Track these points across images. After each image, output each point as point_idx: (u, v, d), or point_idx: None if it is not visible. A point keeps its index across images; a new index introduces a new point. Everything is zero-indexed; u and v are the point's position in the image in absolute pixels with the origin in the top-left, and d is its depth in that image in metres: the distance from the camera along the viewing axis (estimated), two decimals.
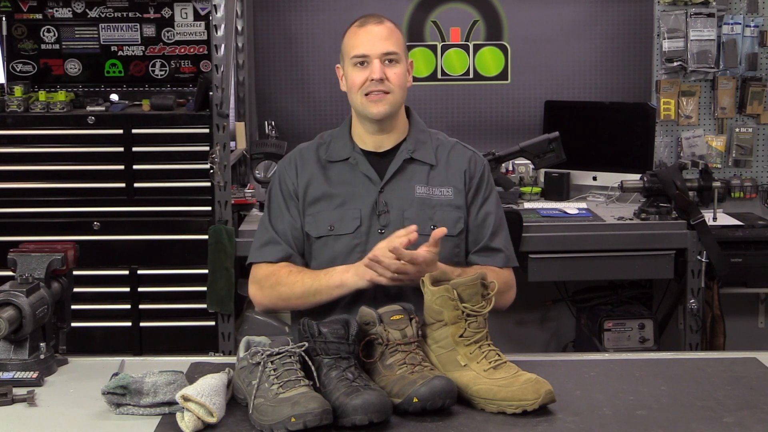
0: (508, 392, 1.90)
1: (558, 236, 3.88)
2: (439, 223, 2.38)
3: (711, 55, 4.38)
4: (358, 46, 2.37)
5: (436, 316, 2.04)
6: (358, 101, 2.39)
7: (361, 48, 2.36)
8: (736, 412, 1.92)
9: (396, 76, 2.37)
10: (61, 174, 3.94)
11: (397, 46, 2.38)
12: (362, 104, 2.38)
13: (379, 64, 2.35)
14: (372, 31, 2.37)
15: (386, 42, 2.36)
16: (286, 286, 2.37)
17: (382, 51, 2.35)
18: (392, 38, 2.38)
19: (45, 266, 2.21)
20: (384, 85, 2.35)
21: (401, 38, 2.42)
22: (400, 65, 2.38)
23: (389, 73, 2.36)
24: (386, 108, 2.37)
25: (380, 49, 2.35)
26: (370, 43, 2.36)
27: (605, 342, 4.05)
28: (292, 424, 1.77)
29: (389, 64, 2.36)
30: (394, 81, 2.36)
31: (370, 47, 2.36)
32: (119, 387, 1.92)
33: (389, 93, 2.36)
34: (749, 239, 3.99)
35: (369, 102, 2.36)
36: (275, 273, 2.40)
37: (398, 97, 2.39)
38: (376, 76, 2.34)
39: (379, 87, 2.35)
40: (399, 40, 2.40)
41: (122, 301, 3.99)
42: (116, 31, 4.37)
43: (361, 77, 2.36)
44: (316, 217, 2.42)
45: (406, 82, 2.42)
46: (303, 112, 4.58)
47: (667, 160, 4.42)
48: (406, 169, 2.44)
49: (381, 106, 2.37)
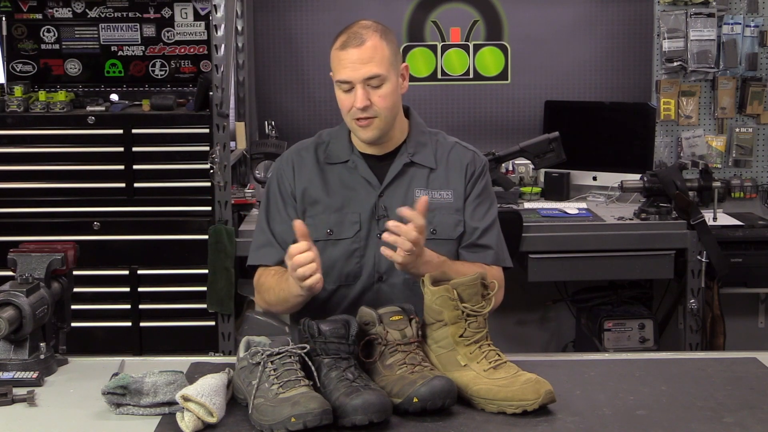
0: (508, 392, 1.90)
1: (558, 236, 3.88)
2: (439, 227, 2.38)
3: (711, 55, 4.38)
4: (340, 71, 2.30)
5: (436, 316, 2.04)
6: (348, 123, 2.36)
7: (343, 74, 2.29)
8: (736, 412, 1.92)
9: (381, 99, 2.30)
10: (61, 174, 3.94)
11: (381, 65, 2.29)
12: (352, 127, 2.36)
13: (362, 90, 2.28)
14: (352, 56, 2.28)
15: (368, 66, 2.28)
16: (269, 292, 2.37)
17: (363, 77, 2.28)
18: (375, 58, 2.28)
19: (45, 266, 2.20)
20: (369, 111, 2.30)
21: (387, 51, 2.30)
22: (387, 84, 2.31)
23: (374, 98, 2.29)
24: (375, 132, 2.34)
25: (362, 74, 2.28)
26: (351, 68, 2.28)
27: (605, 342, 4.05)
28: (292, 424, 1.77)
29: (373, 89, 2.30)
30: (379, 105, 2.30)
31: (351, 73, 2.28)
32: (119, 387, 1.92)
33: (376, 117, 2.32)
34: (749, 239, 3.99)
35: (358, 127, 2.34)
36: (265, 278, 2.40)
37: (387, 118, 2.34)
38: (359, 104, 2.28)
39: (364, 114, 2.30)
40: (383, 56, 2.30)
41: (122, 301, 3.99)
42: (116, 31, 4.37)
43: (347, 102, 2.31)
44: (315, 220, 2.40)
45: (396, 99, 2.35)
46: (303, 112, 4.58)
47: (667, 160, 4.42)
48: (405, 172, 2.42)
49: (369, 131, 2.34)
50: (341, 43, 2.31)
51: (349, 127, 2.38)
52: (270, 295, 2.37)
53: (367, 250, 2.38)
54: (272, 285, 2.36)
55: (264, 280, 2.41)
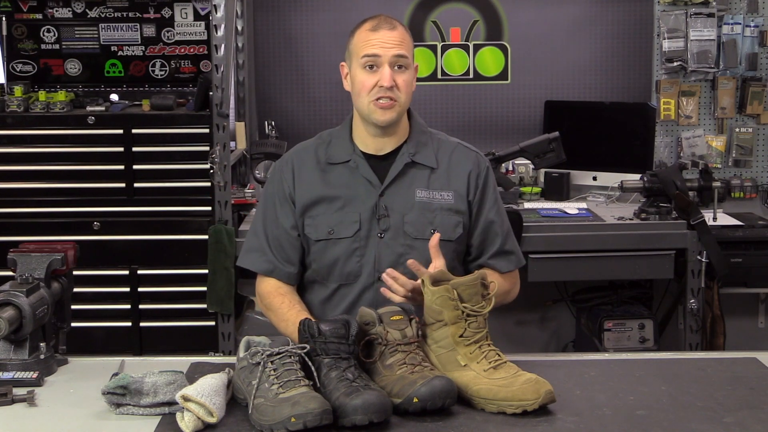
0: (508, 392, 1.90)
1: (558, 236, 3.88)
2: (439, 228, 2.38)
3: (711, 55, 4.38)
4: (368, 48, 2.33)
5: (436, 316, 2.04)
6: (365, 105, 2.36)
7: (374, 48, 2.33)
8: (736, 412, 1.92)
9: (405, 83, 2.34)
10: (61, 174, 3.94)
11: (408, 51, 2.36)
12: (369, 109, 2.35)
13: (389, 69, 2.32)
14: (385, 36, 2.33)
15: (399, 46, 2.33)
16: (272, 315, 2.42)
17: (394, 53, 2.32)
18: (404, 43, 2.35)
19: (45, 266, 2.21)
20: (393, 92, 2.32)
21: (411, 43, 2.40)
22: (409, 71, 2.36)
23: (398, 80, 2.33)
24: (393, 116, 2.36)
25: (392, 51, 2.32)
26: (382, 46, 2.32)
27: (605, 342, 4.05)
28: (292, 424, 1.77)
29: (399, 70, 2.33)
30: (402, 88, 2.34)
31: (382, 49, 2.32)
32: (119, 387, 1.92)
33: (397, 101, 2.34)
34: (749, 239, 3.99)
35: (377, 108, 2.34)
36: (271, 297, 2.43)
37: (405, 105, 2.38)
38: (386, 83, 2.31)
39: (388, 94, 2.32)
40: (410, 46, 2.38)
41: (122, 301, 3.99)
42: (116, 31, 4.37)
43: (370, 81, 2.33)
44: (315, 220, 2.41)
45: (411, 90, 2.39)
46: (303, 112, 4.58)
47: (667, 160, 4.42)
48: (406, 172, 2.42)
49: (388, 113, 2.35)
50: (372, 26, 2.36)
51: (365, 110, 2.37)
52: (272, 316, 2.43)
53: (367, 249, 2.38)
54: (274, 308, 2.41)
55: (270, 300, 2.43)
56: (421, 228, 2.37)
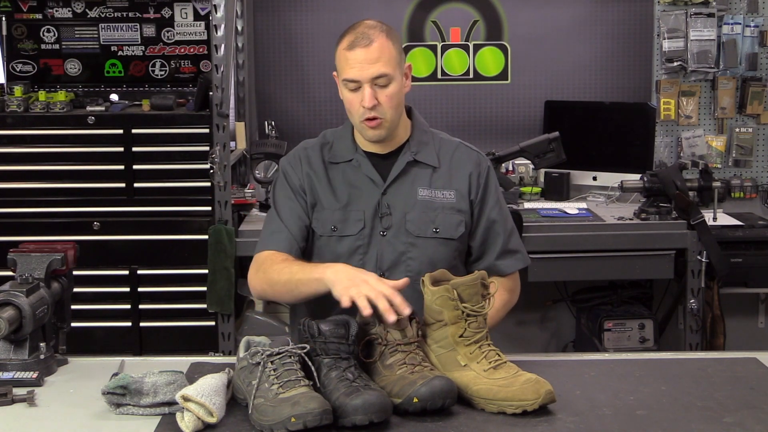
0: (508, 392, 1.90)
1: (558, 236, 3.88)
2: (441, 226, 2.39)
3: (711, 55, 4.38)
4: (347, 71, 2.31)
5: (436, 316, 2.03)
6: (356, 122, 2.37)
7: (351, 73, 2.30)
8: (736, 412, 1.92)
9: (388, 99, 2.32)
10: (61, 174, 3.94)
11: (388, 65, 2.31)
12: (360, 127, 2.37)
13: (370, 90, 2.29)
14: (360, 56, 2.29)
15: (376, 66, 2.29)
16: (275, 272, 2.33)
17: (371, 76, 2.29)
18: (382, 58, 2.30)
19: (45, 266, 2.20)
20: (377, 110, 2.32)
21: (393, 50, 2.32)
22: (393, 83, 2.32)
23: (381, 97, 2.31)
24: (383, 132, 2.36)
25: (370, 74, 2.29)
26: (359, 68, 2.29)
27: (605, 342, 4.05)
28: (292, 424, 1.77)
29: (380, 88, 2.31)
30: (386, 104, 2.32)
31: (359, 72, 2.30)
32: (119, 387, 1.92)
33: (383, 118, 2.33)
34: (749, 239, 3.99)
35: (366, 126, 2.34)
36: (272, 258, 2.37)
37: (393, 118, 2.36)
38: (367, 104, 2.30)
39: (372, 114, 2.32)
40: (390, 56, 2.32)
41: (122, 301, 3.99)
42: (116, 31, 4.37)
43: (355, 101, 2.33)
44: (320, 216, 2.42)
45: (401, 98, 2.37)
46: (303, 112, 4.58)
47: (667, 160, 4.42)
48: (409, 171, 2.43)
49: (377, 131, 2.35)
50: (348, 43, 2.32)
51: (356, 127, 2.39)
52: (274, 274, 2.32)
53: (370, 247, 2.39)
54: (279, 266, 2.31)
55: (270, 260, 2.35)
56: (422, 226, 2.38)
